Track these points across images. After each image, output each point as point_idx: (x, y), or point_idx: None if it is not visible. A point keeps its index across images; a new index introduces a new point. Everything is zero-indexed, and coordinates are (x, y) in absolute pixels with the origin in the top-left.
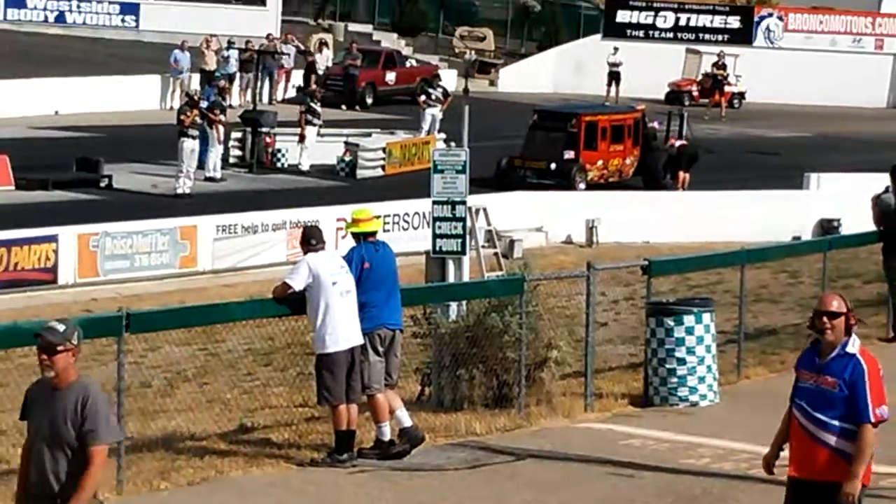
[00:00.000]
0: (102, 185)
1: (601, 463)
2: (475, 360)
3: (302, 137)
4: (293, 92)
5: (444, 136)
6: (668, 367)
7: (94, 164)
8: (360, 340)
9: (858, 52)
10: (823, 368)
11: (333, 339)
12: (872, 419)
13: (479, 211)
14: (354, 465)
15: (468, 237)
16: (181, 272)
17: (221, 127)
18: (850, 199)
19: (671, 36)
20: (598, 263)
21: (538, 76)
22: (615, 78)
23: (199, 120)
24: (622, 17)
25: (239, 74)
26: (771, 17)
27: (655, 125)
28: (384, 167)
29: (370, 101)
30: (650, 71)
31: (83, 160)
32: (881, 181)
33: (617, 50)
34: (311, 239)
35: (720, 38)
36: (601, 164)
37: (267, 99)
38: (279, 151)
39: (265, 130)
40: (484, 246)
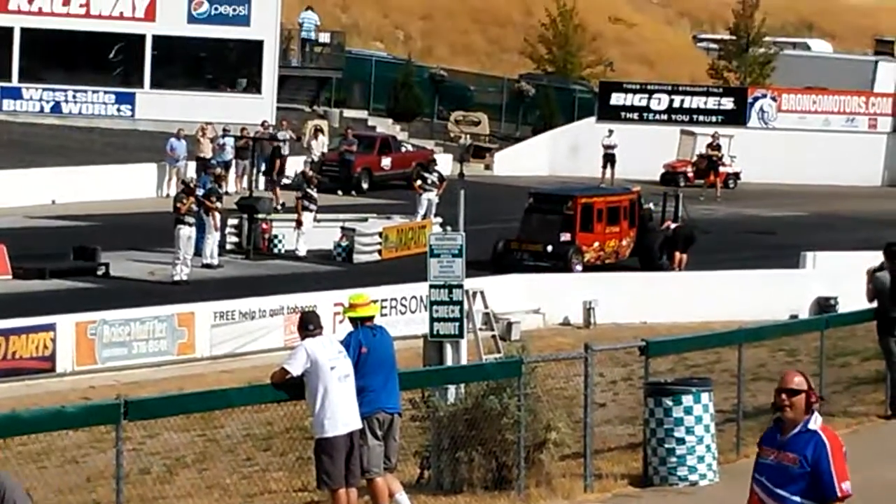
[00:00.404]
0: (99, 273)
1: None
2: (474, 442)
3: (299, 223)
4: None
5: (440, 220)
6: (667, 446)
7: (90, 252)
8: (358, 424)
9: (852, 131)
10: (785, 445)
11: (332, 423)
12: (839, 494)
13: (476, 294)
14: None
15: (465, 320)
16: (179, 359)
17: (218, 214)
18: (846, 277)
19: (665, 118)
20: (595, 344)
21: (533, 159)
22: (610, 160)
23: (195, 207)
24: (616, 99)
25: (235, 161)
26: (764, 97)
27: (651, 206)
28: (381, 252)
29: (366, 186)
30: (645, 153)
31: (80, 249)
32: (877, 259)
33: (612, 132)
34: (308, 324)
35: (714, 119)
36: (597, 245)
37: (263, 185)
38: (276, 237)
39: (261, 217)
40: (481, 329)
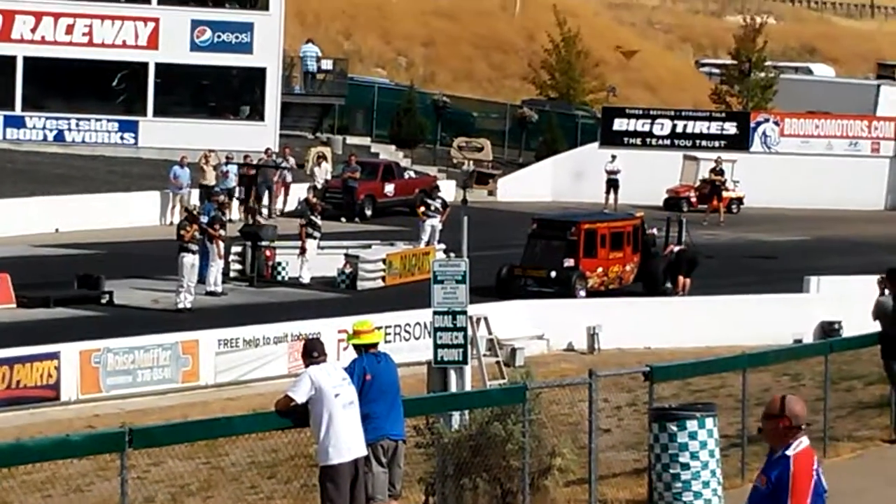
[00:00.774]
0: (103, 301)
1: None
2: (479, 468)
3: (303, 250)
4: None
5: (443, 246)
6: (672, 472)
7: (94, 280)
8: (363, 452)
9: (855, 155)
10: (764, 468)
11: (337, 450)
12: None
13: (479, 320)
14: None
15: (469, 346)
16: (183, 386)
17: (221, 242)
18: (850, 301)
19: (668, 143)
20: (599, 370)
21: (536, 185)
22: (613, 185)
23: (198, 235)
24: (619, 125)
25: (238, 189)
26: (767, 122)
27: (654, 231)
28: (384, 278)
29: (369, 212)
30: (648, 178)
31: (84, 277)
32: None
33: (615, 157)
34: (312, 351)
35: (717, 143)
36: (601, 271)
37: (266, 213)
38: (279, 265)
39: (265, 244)
40: (485, 355)
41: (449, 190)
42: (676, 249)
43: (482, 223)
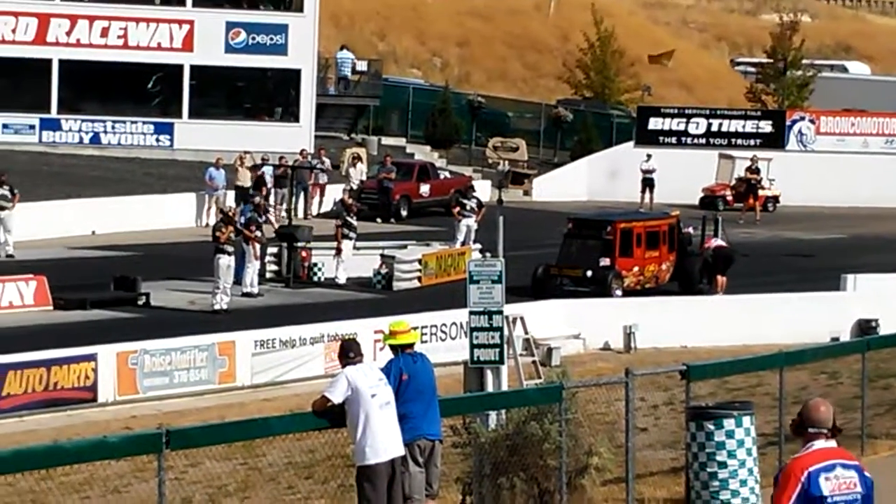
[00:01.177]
0: (140, 303)
1: None
2: (516, 468)
3: (338, 251)
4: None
5: (479, 246)
6: (709, 470)
7: (131, 282)
8: (400, 451)
9: (891, 152)
10: None
11: (374, 450)
12: None
13: (516, 320)
14: None
15: (506, 346)
16: (220, 387)
17: (258, 243)
18: (887, 299)
19: (704, 142)
20: (636, 369)
21: (572, 185)
22: (649, 184)
23: (233, 236)
24: (654, 124)
25: (273, 190)
26: (803, 120)
27: (690, 230)
28: (420, 279)
29: (405, 213)
30: (684, 177)
31: (121, 279)
32: None
33: (650, 157)
34: (349, 352)
35: (753, 142)
36: (637, 270)
37: (302, 214)
38: (315, 265)
39: (301, 245)
40: (522, 354)
41: (484, 190)
42: (714, 245)
43: (517, 223)
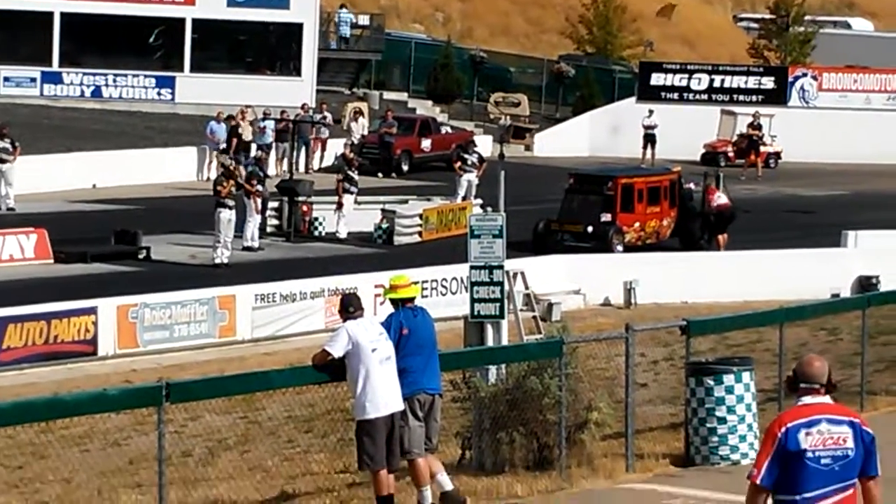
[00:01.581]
0: (141, 256)
1: None
2: (515, 422)
3: (339, 205)
4: (329, 161)
5: (480, 201)
6: (708, 426)
7: (132, 236)
8: (400, 406)
9: (893, 109)
10: None
11: (374, 405)
12: (749, 477)
13: (516, 275)
14: None
15: (506, 301)
16: (220, 341)
17: (259, 197)
18: (888, 255)
19: (705, 98)
20: (636, 324)
21: (573, 140)
22: (650, 140)
23: (234, 190)
24: (656, 80)
25: (275, 144)
26: (805, 76)
27: (692, 186)
28: (421, 233)
29: (406, 168)
30: (685, 133)
31: (121, 233)
32: None
33: (652, 112)
34: (349, 306)
35: (754, 98)
36: (638, 226)
37: (303, 168)
38: (316, 220)
39: (302, 199)
40: (522, 309)
41: (486, 145)
42: (717, 203)
43: (519, 178)
